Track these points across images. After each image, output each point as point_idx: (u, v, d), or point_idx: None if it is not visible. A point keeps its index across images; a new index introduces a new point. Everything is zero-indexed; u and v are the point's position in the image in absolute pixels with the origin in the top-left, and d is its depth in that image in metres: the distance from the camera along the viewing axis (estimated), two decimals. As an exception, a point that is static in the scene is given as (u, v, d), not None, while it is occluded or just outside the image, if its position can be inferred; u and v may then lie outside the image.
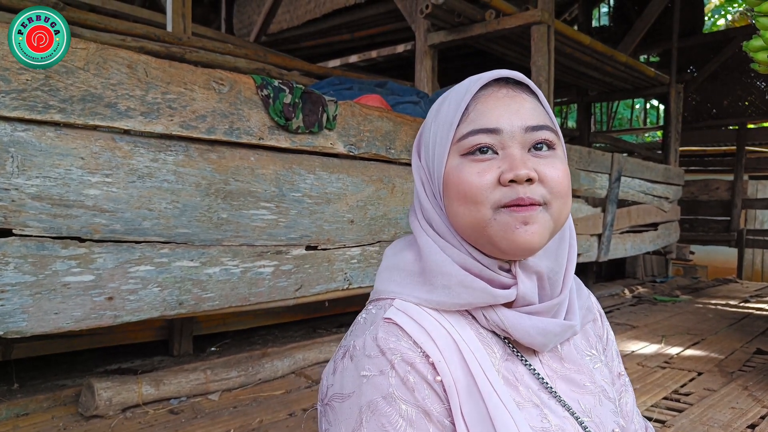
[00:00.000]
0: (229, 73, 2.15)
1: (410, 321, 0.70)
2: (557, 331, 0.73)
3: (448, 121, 0.73)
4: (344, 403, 0.67)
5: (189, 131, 2.04)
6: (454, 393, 0.67)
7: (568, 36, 4.51)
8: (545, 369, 0.76)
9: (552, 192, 0.69)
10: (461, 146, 0.71)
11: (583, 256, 4.59)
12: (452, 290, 0.71)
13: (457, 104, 0.72)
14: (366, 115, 2.66)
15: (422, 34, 4.46)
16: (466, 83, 0.75)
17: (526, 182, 0.68)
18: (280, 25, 5.94)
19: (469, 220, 0.70)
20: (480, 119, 0.70)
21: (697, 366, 3.39)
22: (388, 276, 0.77)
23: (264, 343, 3.52)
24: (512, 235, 0.68)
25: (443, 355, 0.68)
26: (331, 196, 2.53)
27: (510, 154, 0.69)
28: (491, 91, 0.73)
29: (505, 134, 0.70)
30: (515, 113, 0.71)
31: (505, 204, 0.68)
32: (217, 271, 2.18)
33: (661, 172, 5.78)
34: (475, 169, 0.69)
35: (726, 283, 7.31)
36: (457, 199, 0.70)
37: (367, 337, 0.69)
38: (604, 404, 0.78)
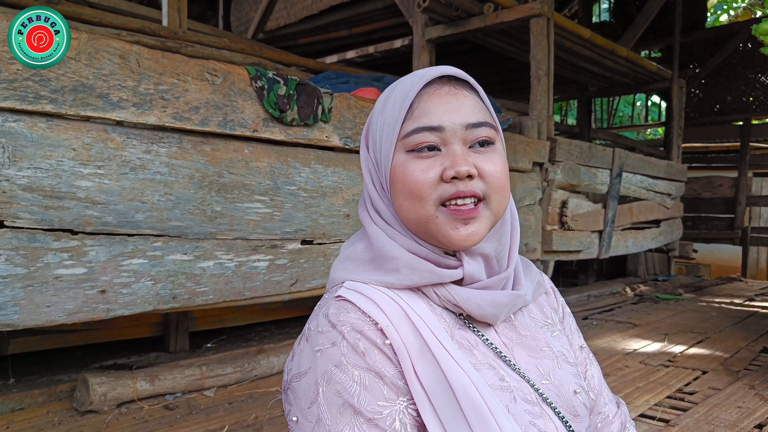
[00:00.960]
0: (223, 64, 2.13)
1: (359, 295, 0.73)
2: (506, 301, 0.77)
3: (393, 117, 0.75)
4: (302, 380, 0.70)
5: (182, 123, 2.02)
6: (405, 355, 0.69)
7: (567, 29, 4.48)
8: (501, 338, 0.79)
9: (491, 186, 0.74)
10: (406, 143, 0.74)
11: (583, 253, 4.55)
12: (400, 272, 0.75)
13: (402, 101, 0.75)
14: (362, 108, 2.64)
15: (420, 28, 4.44)
16: (411, 79, 0.77)
17: (467, 178, 0.72)
18: (277, 22, 5.92)
19: (413, 215, 0.74)
20: (424, 117, 0.73)
21: (701, 365, 3.35)
22: (340, 266, 0.80)
23: (260, 340, 3.50)
24: (453, 233, 0.73)
25: (392, 321, 0.71)
26: (327, 189, 2.51)
27: (452, 151, 0.73)
28: (435, 88, 0.75)
29: (447, 132, 0.73)
30: (457, 111, 0.74)
31: (447, 198, 0.72)
32: (211, 265, 2.16)
33: (664, 168, 5.74)
34: (419, 166, 0.73)
35: (730, 282, 7.26)
36: (402, 195, 0.74)
37: (319, 317, 0.73)
38: (564, 367, 0.81)
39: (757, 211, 9.41)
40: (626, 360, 3.42)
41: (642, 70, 5.83)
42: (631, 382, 2.99)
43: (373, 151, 0.79)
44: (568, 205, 4.18)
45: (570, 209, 4.18)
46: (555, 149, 3.97)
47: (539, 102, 3.92)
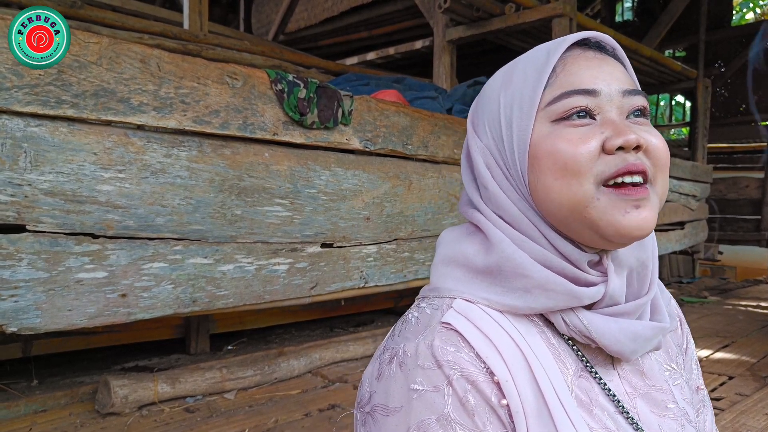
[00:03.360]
0: (243, 67, 2.13)
1: (472, 328, 0.60)
2: (648, 335, 0.62)
3: (530, 85, 0.62)
4: (389, 417, 0.58)
5: (202, 126, 2.02)
6: (522, 419, 0.57)
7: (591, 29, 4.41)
8: (624, 386, 0.65)
9: (657, 164, 0.60)
10: (552, 111, 0.60)
11: (606, 255, 4.47)
12: (530, 293, 0.61)
13: (540, 67, 0.62)
14: (382, 110, 2.62)
15: (440, 29, 4.41)
16: (546, 46, 0.64)
17: (634, 150, 0.58)
18: (297, 24, 5.94)
19: (566, 199, 0.59)
20: (573, 80, 0.60)
21: (727, 370, 3.27)
22: (446, 271, 0.66)
23: (281, 342, 3.50)
24: (622, 219, 0.57)
25: (511, 372, 0.58)
26: (347, 192, 2.49)
27: (610, 119, 0.60)
28: (578, 52, 0.63)
29: (603, 97, 0.60)
30: (610, 75, 0.61)
31: (613, 176, 0.58)
32: (231, 269, 2.15)
33: (689, 169, 5.63)
34: (575, 134, 0.59)
35: (756, 284, 7.09)
36: (552, 172, 0.59)
37: (420, 343, 0.59)
38: (687, 430, 0.67)
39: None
40: (649, 365, 3.36)
41: (666, 70, 5.72)
42: (655, 388, 2.92)
43: (493, 135, 0.65)
44: (591, 207, 4.10)
45: (593, 211, 4.10)
46: (577, 150, 3.90)
47: (561, 103, 3.85)
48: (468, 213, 0.68)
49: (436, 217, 2.93)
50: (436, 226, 2.90)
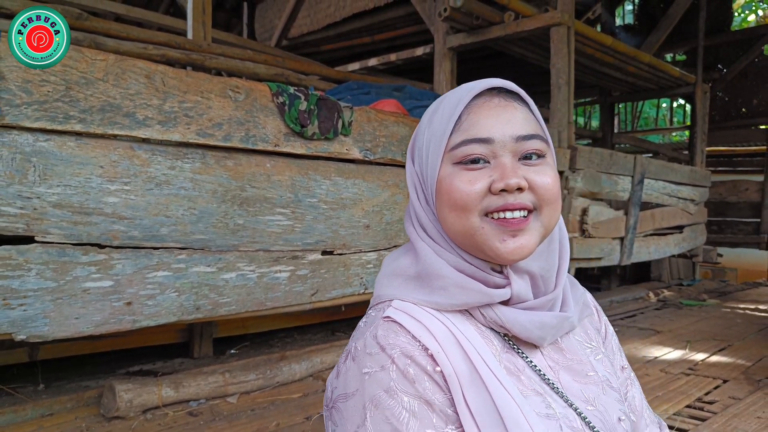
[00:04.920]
0: (245, 81, 2.18)
1: (408, 318, 0.72)
2: (554, 323, 0.75)
3: (441, 129, 0.74)
4: (348, 401, 0.68)
5: (205, 139, 2.08)
6: (456, 382, 0.68)
7: (589, 37, 4.46)
8: (547, 361, 0.77)
9: (542, 198, 0.72)
10: (454, 155, 0.72)
11: (604, 260, 4.52)
12: (449, 291, 0.73)
13: (450, 113, 0.74)
14: (382, 121, 2.67)
15: (441, 36, 4.46)
16: (459, 92, 0.76)
17: (516, 191, 0.70)
18: (300, 29, 5.99)
19: (459, 227, 0.72)
20: (472, 129, 0.72)
21: (722, 373, 3.31)
22: (386, 282, 0.79)
23: (283, 346, 3.55)
24: (500, 246, 0.70)
25: (442, 347, 0.70)
26: (347, 201, 2.55)
27: (501, 163, 0.71)
28: (484, 100, 0.74)
29: (496, 144, 0.71)
30: (507, 123, 0.72)
31: (494, 210, 0.70)
32: (234, 277, 2.21)
33: (687, 173, 5.67)
34: (466, 177, 0.71)
35: (756, 287, 7.12)
36: (448, 206, 0.72)
37: (367, 337, 0.71)
38: (608, 393, 0.79)
39: (786, 216, 9.19)
40: (647, 368, 3.39)
41: (665, 76, 5.76)
42: (650, 390, 2.97)
43: (418, 164, 0.78)
44: (589, 212, 4.15)
45: (590, 217, 4.15)
46: (575, 157, 3.95)
47: (559, 110, 3.91)
48: (407, 228, 0.81)
49: (435, 224, 2.98)
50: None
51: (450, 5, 3.97)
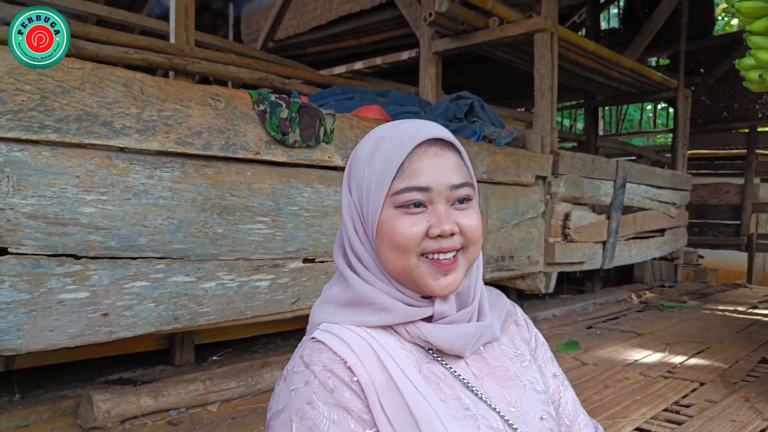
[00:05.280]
0: (225, 89, 2.17)
1: (332, 336, 0.80)
2: (472, 333, 0.84)
3: (383, 172, 0.81)
4: (279, 417, 0.76)
5: (185, 147, 2.06)
6: (372, 390, 0.76)
7: (572, 42, 4.49)
8: (471, 369, 0.85)
9: (469, 239, 0.82)
10: (396, 200, 0.80)
11: (586, 264, 4.56)
12: (377, 313, 0.82)
13: (391, 157, 0.81)
14: (365, 128, 2.67)
15: (426, 41, 4.47)
16: (400, 138, 0.82)
17: (449, 236, 0.80)
18: (286, 32, 5.96)
19: (398, 266, 0.81)
20: (414, 177, 0.80)
21: (700, 376, 3.35)
22: (319, 308, 0.87)
23: (266, 352, 3.54)
24: (434, 283, 0.80)
25: (360, 359, 0.78)
26: (329, 209, 2.54)
27: (437, 210, 0.81)
28: (423, 149, 0.81)
29: (434, 192, 0.80)
30: (442, 172, 0.81)
31: (430, 252, 0.80)
32: (213, 286, 2.19)
33: (668, 177, 5.73)
34: (407, 221, 0.80)
35: (735, 288, 7.22)
36: (389, 247, 0.81)
37: (296, 358, 0.80)
38: (531, 395, 0.87)
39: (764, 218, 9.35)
40: (626, 371, 3.43)
41: (647, 81, 5.82)
42: (629, 394, 3.00)
43: (358, 198, 0.85)
44: (571, 217, 4.18)
45: (573, 221, 4.19)
46: (558, 162, 3.98)
47: (542, 116, 3.93)
48: (336, 257, 0.89)
49: (417, 230, 2.99)
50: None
51: (435, 10, 3.98)
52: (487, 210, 3.40)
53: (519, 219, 3.72)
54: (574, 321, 4.75)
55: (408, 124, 0.85)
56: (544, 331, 4.45)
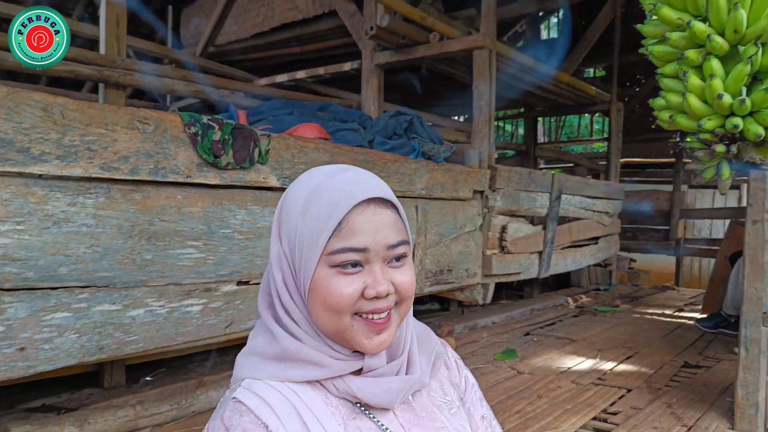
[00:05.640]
0: (155, 112, 2.12)
1: (254, 397, 0.78)
2: (401, 387, 0.83)
3: (317, 229, 0.79)
4: None
5: (110, 173, 2.00)
6: None
7: (511, 58, 4.61)
8: (399, 420, 0.85)
9: (402, 296, 0.82)
10: (331, 259, 0.78)
11: (523, 274, 4.70)
12: (304, 368, 0.81)
13: (327, 214, 0.79)
14: (301, 147, 2.66)
15: (369, 53, 4.49)
16: (337, 193, 0.80)
17: (385, 296, 0.80)
18: (228, 37, 5.86)
19: (330, 325, 0.80)
20: (351, 238, 0.78)
21: (627, 382, 3.51)
22: (243, 361, 0.85)
23: (201, 370, 3.47)
24: (367, 341, 0.80)
25: (282, 421, 0.76)
26: (264, 230, 2.52)
27: (373, 270, 0.80)
28: (361, 209, 0.79)
29: (371, 252, 0.79)
30: (380, 232, 0.80)
31: (365, 312, 0.79)
32: (142, 313, 2.14)
33: (602, 188, 5.97)
34: (342, 282, 0.78)
35: (664, 291, 7.61)
36: (323, 307, 0.79)
37: (217, 419, 0.79)
38: None
39: (691, 223, 9.87)
40: (559, 380, 3.55)
41: (583, 94, 6.05)
42: (561, 403, 3.11)
43: (289, 251, 0.82)
44: (508, 229, 4.30)
45: (510, 234, 4.30)
46: (495, 177, 4.08)
47: (481, 131, 4.02)
48: (260, 308, 0.86)
49: (355, 248, 3.00)
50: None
51: (376, 24, 4.01)
52: (426, 225, 3.45)
53: (457, 233, 3.80)
54: (512, 328, 4.88)
55: (346, 176, 0.82)
56: (483, 340, 4.56)
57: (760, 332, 2.78)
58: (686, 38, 1.37)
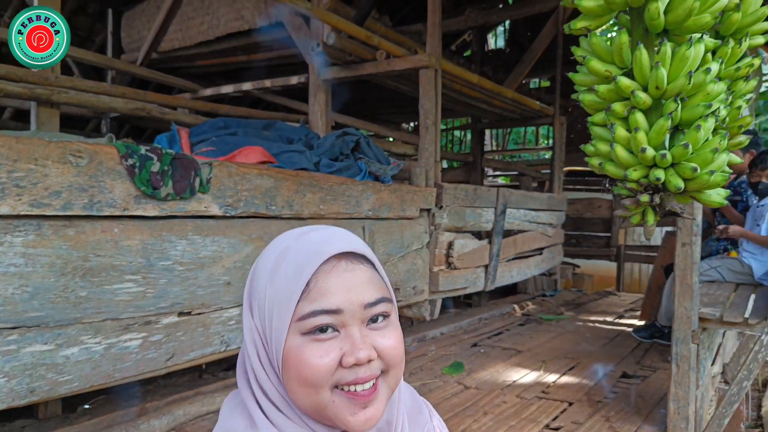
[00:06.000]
0: (89, 144, 2.05)
1: None
2: None
3: (286, 293, 0.71)
4: None
5: (41, 209, 1.92)
6: None
7: (457, 75, 4.69)
8: None
9: (389, 362, 0.73)
10: (302, 326, 0.70)
11: (470, 288, 4.78)
12: None
13: (295, 276, 0.71)
14: (244, 175, 2.63)
15: (316, 67, 4.47)
16: (305, 254, 0.72)
17: (367, 363, 0.71)
18: (171, 44, 5.70)
19: (308, 402, 0.71)
20: (321, 299, 0.70)
21: (569, 395, 3.63)
22: None
23: (144, 396, 3.37)
24: (352, 418, 0.71)
25: None
26: (206, 260, 2.48)
27: (350, 333, 0.71)
28: (331, 265, 0.72)
29: (345, 314, 0.71)
30: (355, 290, 0.72)
31: (345, 384, 0.70)
32: (76, 351, 2.07)
33: (545, 200, 6.15)
34: (316, 351, 0.70)
35: (606, 296, 7.90)
36: (297, 381, 0.70)
37: None
38: None
39: (632, 230, 10.29)
40: (504, 394, 3.64)
41: (527, 109, 6.21)
42: (505, 420, 3.19)
43: (260, 321, 0.74)
44: (454, 245, 4.37)
45: (456, 250, 4.38)
46: (441, 195, 4.15)
47: (427, 150, 4.08)
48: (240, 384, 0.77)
49: (301, 273, 2.98)
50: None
51: (323, 41, 4.00)
52: (373, 246, 3.47)
53: (405, 251, 3.83)
54: (460, 339, 4.97)
55: (315, 235, 0.75)
56: (432, 353, 4.62)
57: (690, 349, 2.93)
58: (613, 91, 1.43)
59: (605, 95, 1.50)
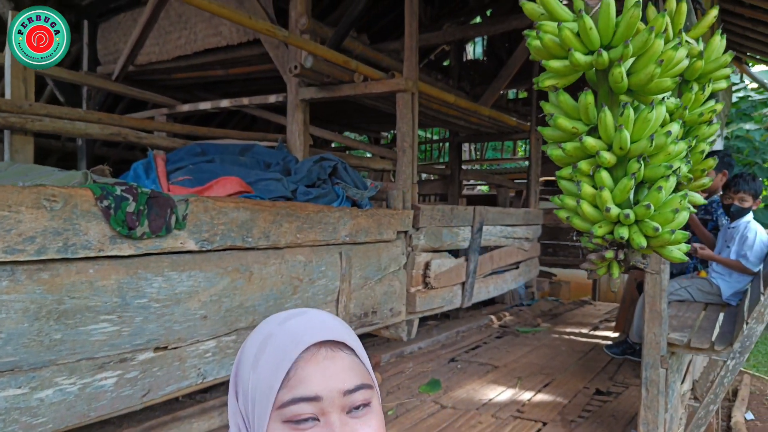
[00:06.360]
0: (63, 188, 2.05)
1: None
2: None
3: (267, 382, 0.73)
4: None
5: (14, 255, 1.92)
6: None
7: (434, 96, 4.74)
8: None
9: None
10: (283, 414, 0.72)
11: (447, 306, 4.84)
12: None
13: (276, 364, 0.73)
14: (220, 209, 2.64)
15: (294, 87, 4.49)
16: (286, 343, 0.75)
17: None
18: (148, 57, 5.66)
19: None
20: (300, 387, 0.72)
21: (543, 414, 3.69)
22: None
23: (119, 422, 3.35)
24: None
25: None
26: (182, 295, 2.49)
27: (330, 422, 0.72)
28: (311, 353, 0.74)
29: (325, 401, 0.72)
30: (334, 377, 0.74)
31: None
32: (51, 393, 2.07)
33: (521, 216, 6.24)
34: None
35: (582, 306, 8.03)
36: None
37: None
38: None
39: (608, 239, 10.44)
40: (479, 414, 3.69)
41: (504, 124, 6.29)
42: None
43: (243, 407, 0.76)
44: (431, 266, 4.42)
45: (433, 269, 4.43)
46: (418, 216, 4.19)
47: (404, 172, 4.12)
48: None
49: (279, 302, 3.01)
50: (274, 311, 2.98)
51: (300, 63, 4.02)
52: (350, 270, 3.50)
53: (382, 274, 3.87)
54: (438, 355, 5.01)
55: (298, 321, 0.77)
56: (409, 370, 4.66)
57: (659, 374, 3.02)
58: (579, 149, 1.49)
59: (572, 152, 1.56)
